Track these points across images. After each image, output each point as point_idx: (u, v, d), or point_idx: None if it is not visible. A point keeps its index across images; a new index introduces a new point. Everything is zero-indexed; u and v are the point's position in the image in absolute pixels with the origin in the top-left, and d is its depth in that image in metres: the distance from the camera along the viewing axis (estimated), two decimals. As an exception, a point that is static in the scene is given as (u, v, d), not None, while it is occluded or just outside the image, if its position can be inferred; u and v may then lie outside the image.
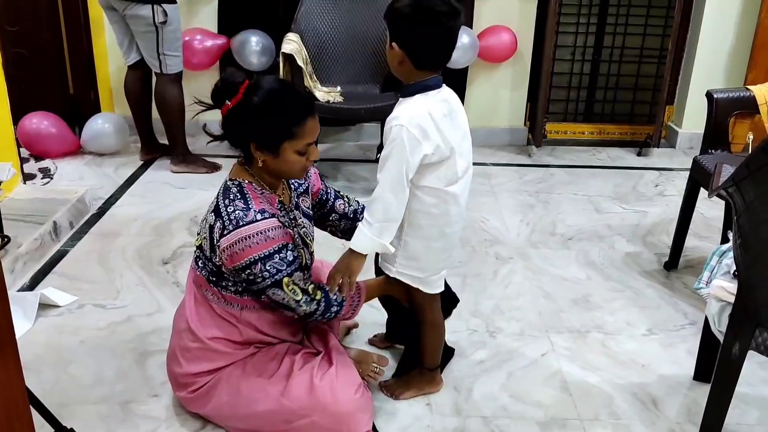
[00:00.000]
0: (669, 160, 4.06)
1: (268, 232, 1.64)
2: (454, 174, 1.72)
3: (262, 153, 1.68)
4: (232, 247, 1.63)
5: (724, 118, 2.64)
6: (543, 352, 2.23)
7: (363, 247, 1.67)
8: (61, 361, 2.13)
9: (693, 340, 2.23)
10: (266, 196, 1.73)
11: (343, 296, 1.74)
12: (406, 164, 1.60)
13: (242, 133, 1.69)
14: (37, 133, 3.70)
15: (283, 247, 1.67)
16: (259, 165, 1.70)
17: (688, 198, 2.69)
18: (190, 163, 3.60)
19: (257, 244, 1.63)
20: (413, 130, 1.60)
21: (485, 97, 4.16)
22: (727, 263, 1.81)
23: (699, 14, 4.02)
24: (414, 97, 1.67)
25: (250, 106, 1.64)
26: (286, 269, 1.67)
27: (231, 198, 1.68)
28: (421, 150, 1.61)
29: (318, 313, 1.73)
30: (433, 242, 1.77)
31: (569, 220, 3.22)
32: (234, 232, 1.63)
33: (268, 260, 1.64)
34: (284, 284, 1.67)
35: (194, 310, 1.78)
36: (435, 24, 1.60)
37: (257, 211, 1.65)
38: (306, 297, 1.70)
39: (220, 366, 1.78)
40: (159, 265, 2.70)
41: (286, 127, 1.65)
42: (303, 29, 3.56)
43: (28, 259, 2.64)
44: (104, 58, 4.08)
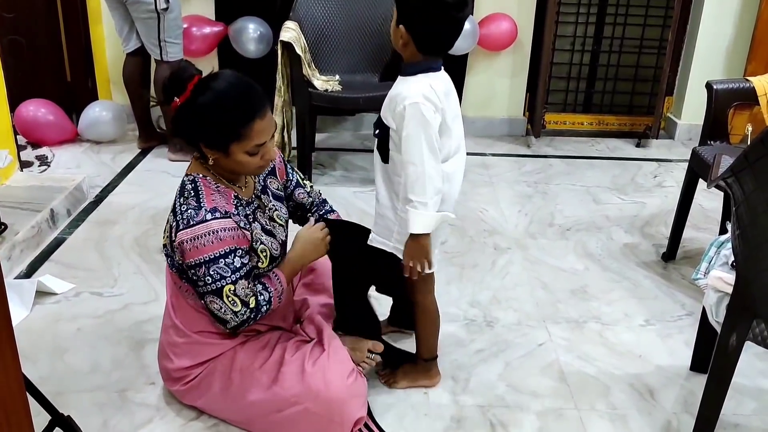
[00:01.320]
0: (668, 151, 4.05)
1: (218, 233, 1.60)
2: (448, 151, 1.76)
3: (211, 152, 1.64)
4: (182, 245, 1.61)
5: (724, 109, 2.63)
6: (540, 342, 2.23)
7: (425, 226, 1.70)
8: (58, 349, 2.13)
9: (690, 331, 2.23)
10: (221, 191, 1.68)
11: (269, 294, 1.69)
12: (433, 136, 1.66)
13: (190, 132, 1.65)
14: (35, 120, 3.68)
15: (230, 252, 1.61)
16: (210, 163, 1.67)
17: (686, 189, 2.68)
18: (188, 152, 3.57)
19: (204, 245, 1.59)
20: (427, 104, 1.65)
21: (484, 87, 4.15)
22: (725, 254, 1.80)
23: (699, 5, 4.00)
24: (416, 76, 1.70)
25: (195, 105, 1.60)
26: (231, 276, 1.61)
27: (185, 196, 1.65)
28: (437, 120, 1.67)
29: (249, 320, 1.67)
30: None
31: (567, 210, 3.22)
32: (183, 231, 1.59)
33: (212, 264, 1.59)
34: (225, 293, 1.61)
35: (176, 305, 1.78)
36: (444, 14, 1.62)
37: (208, 210, 1.61)
38: (244, 308, 1.64)
39: (210, 357, 1.78)
40: (156, 253, 2.70)
41: (231, 129, 1.60)
42: (301, 17, 3.54)
43: (25, 247, 2.64)
44: (102, 45, 4.05)
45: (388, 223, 1.79)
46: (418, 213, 1.67)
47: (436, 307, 1.96)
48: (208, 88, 1.61)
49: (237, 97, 1.61)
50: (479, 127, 4.18)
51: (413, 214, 1.68)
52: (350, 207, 3.15)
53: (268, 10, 3.86)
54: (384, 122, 1.73)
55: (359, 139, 4.09)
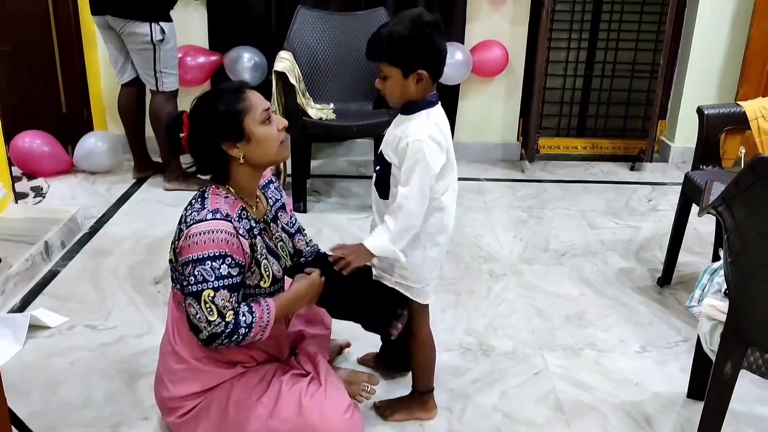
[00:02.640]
0: (662, 174, 4.07)
1: (213, 233, 1.60)
2: (448, 183, 1.78)
3: (234, 146, 1.68)
4: (181, 245, 1.63)
5: (716, 134, 2.65)
6: (536, 370, 2.22)
7: (376, 247, 1.71)
8: (51, 383, 2.11)
9: (686, 358, 2.22)
10: (229, 201, 1.70)
11: (252, 318, 1.65)
12: (429, 177, 1.68)
13: (208, 145, 1.69)
14: (30, 151, 3.69)
15: (219, 256, 1.60)
16: (241, 162, 1.69)
17: (680, 214, 2.69)
18: (183, 180, 3.59)
19: (196, 243, 1.60)
20: (432, 144, 1.67)
21: (478, 112, 4.17)
22: (719, 281, 1.80)
23: (690, 29, 4.04)
24: (420, 114, 1.71)
25: (197, 119, 1.68)
26: (213, 282, 1.59)
27: (192, 204, 1.69)
28: (440, 161, 1.70)
29: (223, 336, 1.62)
30: (429, 251, 1.80)
31: (562, 235, 3.22)
32: (185, 231, 1.63)
33: (199, 264, 1.59)
34: (203, 297, 1.59)
35: (176, 330, 1.77)
36: (442, 34, 1.68)
37: (210, 211, 1.63)
38: (219, 320, 1.61)
39: (207, 387, 1.76)
40: (151, 284, 2.69)
41: (234, 109, 1.67)
42: (295, 47, 3.57)
43: (19, 280, 2.63)
44: (97, 76, 4.08)
45: (389, 258, 1.78)
46: (380, 235, 1.70)
47: (432, 339, 1.95)
48: (197, 105, 1.71)
49: (220, 89, 1.73)
50: (473, 152, 4.20)
51: (378, 233, 1.71)
52: (345, 234, 3.15)
53: (262, 39, 3.89)
54: (385, 158, 1.75)
55: (354, 166, 4.11)
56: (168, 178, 3.63)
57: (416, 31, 1.63)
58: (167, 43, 3.38)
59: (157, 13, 3.33)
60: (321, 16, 3.72)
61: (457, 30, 3.93)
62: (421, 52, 1.65)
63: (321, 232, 3.14)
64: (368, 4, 3.84)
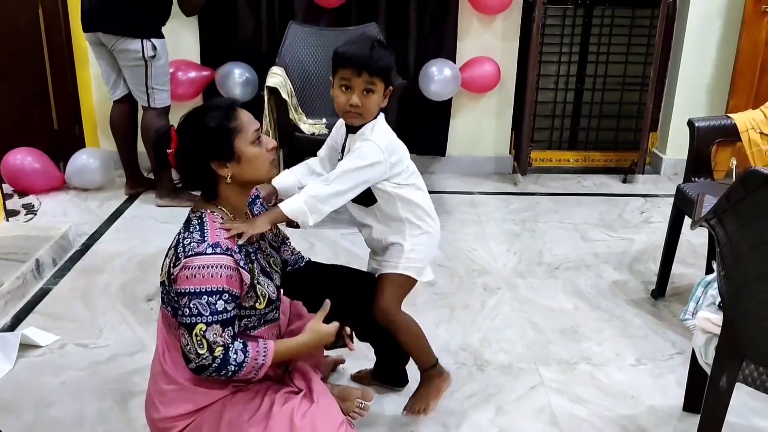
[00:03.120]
0: (654, 186, 4.08)
1: (213, 268, 1.59)
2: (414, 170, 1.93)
3: (223, 166, 1.67)
4: (176, 275, 1.61)
5: (707, 147, 2.66)
6: (532, 385, 2.21)
7: (293, 211, 1.74)
8: (42, 402, 2.09)
9: (682, 370, 2.22)
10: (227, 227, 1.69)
11: (245, 357, 1.63)
12: (371, 177, 1.80)
13: (196, 162, 1.67)
14: (21, 169, 3.68)
15: (216, 292, 1.59)
16: (228, 181, 1.69)
17: (673, 226, 2.69)
18: (175, 197, 3.58)
19: (194, 276, 1.58)
20: (384, 148, 1.80)
21: (470, 126, 4.19)
22: (713, 294, 1.80)
23: (679, 42, 4.07)
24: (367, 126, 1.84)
25: (186, 136, 1.67)
26: (207, 316, 1.58)
27: (190, 230, 1.65)
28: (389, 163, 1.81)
29: (211, 369, 1.61)
30: (431, 228, 1.94)
31: (556, 248, 3.22)
32: (183, 261, 1.60)
33: (195, 298, 1.58)
34: (195, 331, 1.58)
35: (166, 351, 1.75)
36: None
37: (210, 245, 1.61)
38: (208, 354, 1.59)
39: (198, 407, 1.74)
40: (143, 301, 2.67)
41: (225, 128, 1.65)
42: (287, 62, 3.58)
43: (10, 299, 2.61)
44: (89, 92, 4.07)
45: (397, 248, 1.90)
46: (302, 199, 1.73)
47: (410, 318, 1.96)
48: (186, 120, 1.69)
49: (211, 106, 1.71)
50: (465, 165, 4.21)
51: (305, 193, 1.75)
52: (338, 248, 3.14)
53: (253, 55, 3.90)
54: None
55: (347, 181, 4.10)
56: (160, 195, 3.62)
57: (387, 46, 1.84)
58: (159, 60, 3.38)
59: (148, 30, 3.33)
60: (312, 31, 3.73)
61: (448, 46, 3.95)
62: (392, 66, 1.85)
63: (314, 246, 3.13)
64: (359, 19, 3.85)
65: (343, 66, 1.79)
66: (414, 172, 1.92)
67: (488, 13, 3.90)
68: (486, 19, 3.97)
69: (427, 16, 3.90)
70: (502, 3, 3.83)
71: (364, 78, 1.77)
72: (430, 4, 3.82)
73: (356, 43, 1.82)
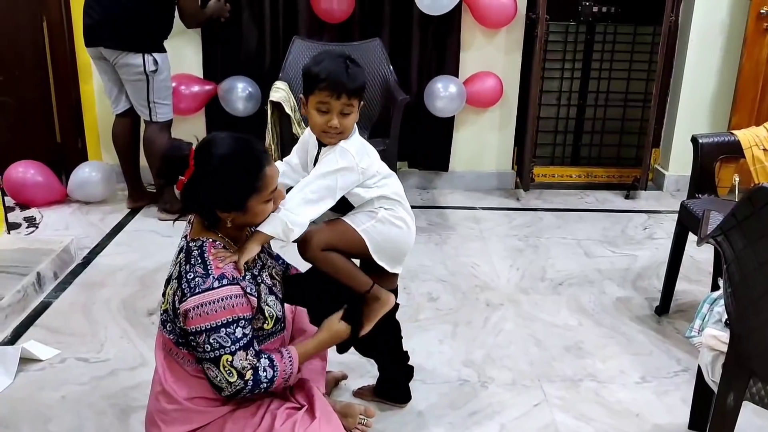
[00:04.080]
0: (656, 202, 4.08)
1: (224, 300, 1.58)
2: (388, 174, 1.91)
3: (228, 214, 1.65)
4: (187, 313, 1.59)
5: (710, 163, 2.65)
6: (535, 402, 2.19)
7: (272, 230, 1.70)
8: (41, 417, 2.07)
9: (687, 388, 2.20)
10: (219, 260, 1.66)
11: (274, 372, 1.65)
12: (344, 183, 1.78)
13: (205, 202, 1.65)
14: (23, 182, 3.68)
15: (233, 321, 1.60)
16: (228, 225, 1.67)
17: (677, 242, 2.68)
18: (177, 210, 3.56)
19: (208, 313, 1.57)
20: (355, 153, 1.79)
21: (472, 141, 4.19)
22: (719, 311, 1.79)
23: (682, 59, 4.08)
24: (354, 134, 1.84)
25: (206, 175, 1.61)
26: (230, 346, 1.60)
27: (192, 263, 1.62)
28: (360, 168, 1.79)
29: (245, 391, 1.64)
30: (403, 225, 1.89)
31: (559, 264, 3.21)
32: (190, 299, 1.58)
33: (213, 333, 1.58)
34: (222, 363, 1.59)
35: (167, 371, 1.73)
36: None
37: (215, 278, 1.59)
38: (239, 380, 1.61)
39: (199, 426, 1.73)
40: (144, 316, 2.66)
41: (248, 185, 1.61)
42: (291, 77, 3.58)
43: (10, 312, 2.59)
44: (92, 106, 4.08)
45: (368, 214, 1.85)
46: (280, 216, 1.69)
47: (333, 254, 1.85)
48: (212, 156, 1.62)
49: (243, 154, 1.63)
50: (468, 180, 4.21)
51: (282, 208, 1.71)
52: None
53: (256, 69, 3.91)
54: None
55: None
56: (162, 209, 3.61)
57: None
58: (160, 74, 3.39)
59: (149, 44, 3.34)
60: (316, 46, 3.74)
61: (451, 61, 3.96)
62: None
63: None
64: (363, 34, 3.86)
65: (319, 89, 1.74)
66: (387, 176, 1.87)
67: (491, 26, 3.91)
68: (489, 33, 3.98)
69: (431, 30, 3.91)
70: (506, 17, 3.84)
71: (343, 101, 1.75)
72: (434, 19, 3.83)
73: (328, 62, 1.76)
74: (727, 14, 3.95)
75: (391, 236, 1.87)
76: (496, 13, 3.82)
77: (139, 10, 3.27)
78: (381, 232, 1.85)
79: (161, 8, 3.34)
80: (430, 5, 3.70)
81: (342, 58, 1.78)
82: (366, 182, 1.83)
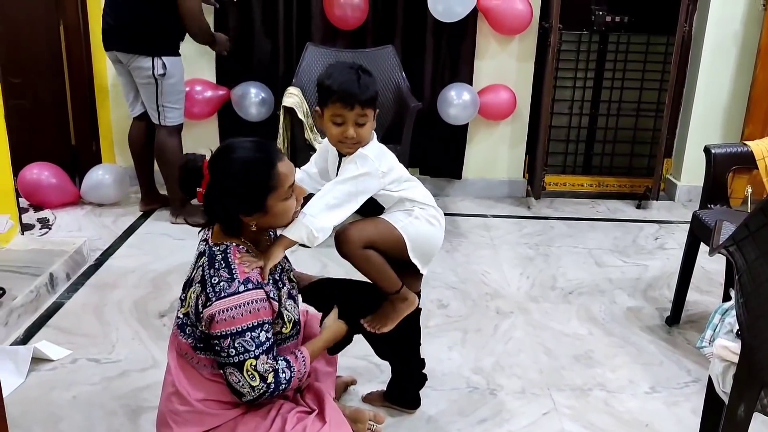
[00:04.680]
0: (668, 212, 4.06)
1: (249, 305, 1.61)
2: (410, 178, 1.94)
3: (251, 217, 1.67)
4: (213, 317, 1.60)
5: (723, 173, 2.65)
6: (544, 411, 2.19)
7: (296, 235, 1.73)
8: (52, 417, 2.09)
9: (697, 399, 2.19)
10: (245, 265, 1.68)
11: (292, 373, 1.68)
12: (367, 187, 1.81)
13: (227, 209, 1.67)
14: (38, 183, 3.71)
15: (258, 326, 1.62)
16: (253, 229, 1.69)
17: (688, 253, 2.67)
18: (189, 214, 3.59)
19: (234, 318, 1.59)
20: (375, 157, 1.82)
21: (484, 149, 4.19)
22: (730, 322, 1.78)
23: (695, 69, 4.07)
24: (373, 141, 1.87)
25: (221, 182, 1.63)
26: (254, 350, 1.61)
27: (216, 267, 1.64)
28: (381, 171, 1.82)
29: (266, 395, 1.66)
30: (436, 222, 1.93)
31: (569, 273, 3.20)
32: (215, 303, 1.60)
33: (238, 337, 1.60)
34: (246, 367, 1.61)
35: (180, 373, 1.74)
36: None
37: (241, 282, 1.61)
38: (262, 384, 1.63)
39: (211, 427, 1.74)
40: (155, 318, 2.67)
41: (263, 184, 1.63)
42: (303, 83, 3.60)
43: (23, 312, 2.62)
44: (106, 109, 4.12)
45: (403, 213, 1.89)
46: (304, 221, 1.72)
47: (370, 252, 1.86)
48: (225, 161, 1.65)
49: (254, 155, 1.66)
50: (479, 188, 4.21)
51: (306, 214, 1.74)
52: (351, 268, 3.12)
53: (269, 75, 3.93)
54: None
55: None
56: (174, 213, 3.64)
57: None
58: (170, 78, 3.39)
59: (159, 48, 3.33)
60: (329, 53, 3.76)
61: (465, 68, 3.96)
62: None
63: (326, 266, 3.12)
64: (376, 41, 3.88)
65: (332, 102, 1.78)
66: (410, 179, 1.91)
67: (506, 33, 3.92)
68: (503, 42, 3.98)
69: (444, 37, 3.92)
70: (521, 24, 3.85)
71: (357, 111, 1.78)
72: (447, 26, 3.85)
73: (339, 74, 1.79)
74: (741, 25, 3.94)
75: (427, 234, 1.90)
76: (512, 20, 3.83)
77: (147, 13, 3.27)
78: (418, 229, 1.88)
79: (169, 12, 3.30)
80: (443, 12, 3.71)
81: (353, 68, 1.81)
82: (389, 186, 1.85)
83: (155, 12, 3.30)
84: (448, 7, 3.70)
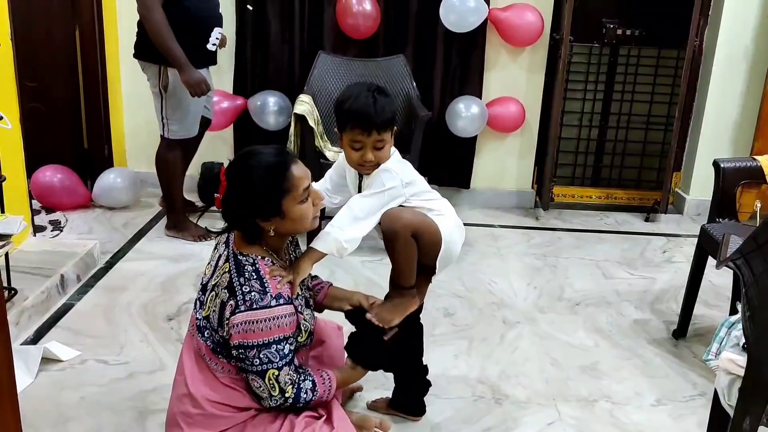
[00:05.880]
0: (676, 226, 4.06)
1: (278, 319, 1.65)
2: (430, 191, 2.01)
3: (269, 222, 1.69)
4: (239, 326, 1.63)
5: (732, 188, 2.65)
6: (550, 421, 2.19)
7: (325, 247, 1.78)
8: (61, 417, 2.11)
9: (703, 412, 2.18)
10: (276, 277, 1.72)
11: (313, 396, 1.72)
12: (390, 200, 1.85)
13: (244, 215, 1.70)
14: (50, 186, 3.75)
15: (284, 339, 1.67)
16: (271, 234, 1.71)
17: (696, 266, 2.67)
18: (180, 229, 3.52)
19: (261, 330, 1.63)
20: (398, 171, 1.86)
21: (493, 161, 4.20)
22: (737, 335, 1.78)
23: (705, 83, 4.08)
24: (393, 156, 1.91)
25: (236, 187, 1.67)
26: (278, 362, 1.66)
27: (246, 277, 1.67)
28: (404, 183, 1.86)
29: (284, 405, 1.72)
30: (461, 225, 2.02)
31: (577, 284, 3.21)
32: (246, 313, 1.63)
33: (264, 348, 1.64)
34: (268, 376, 1.66)
35: (195, 375, 1.76)
36: None
37: (273, 297, 1.65)
38: (280, 395, 1.69)
39: (220, 430, 1.76)
40: (164, 321, 2.70)
41: (277, 188, 1.66)
42: (315, 91, 3.63)
43: (34, 312, 2.64)
44: (120, 114, 4.15)
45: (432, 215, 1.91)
46: (332, 233, 1.78)
47: (413, 243, 1.87)
48: (242, 167, 1.68)
49: (266, 159, 1.69)
50: (487, 198, 4.22)
51: (334, 226, 1.79)
52: (358, 276, 3.15)
53: (285, 84, 3.95)
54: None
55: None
56: (168, 225, 3.58)
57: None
58: (174, 92, 3.26)
59: (161, 58, 3.17)
60: (341, 61, 3.79)
61: (475, 79, 3.98)
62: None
63: (334, 273, 3.14)
64: (387, 50, 3.90)
65: (351, 127, 1.81)
66: (430, 191, 1.96)
67: (517, 45, 3.94)
68: (513, 53, 4.00)
69: (455, 47, 3.94)
70: (532, 35, 3.87)
71: (374, 137, 1.81)
72: (458, 36, 3.87)
73: (355, 99, 1.81)
74: (752, 39, 3.95)
75: (454, 237, 1.95)
76: (523, 31, 3.85)
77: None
78: (448, 228, 1.92)
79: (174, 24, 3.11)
80: (455, 23, 3.74)
81: (369, 91, 1.83)
82: (411, 198, 1.88)
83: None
84: (460, 17, 3.72)
